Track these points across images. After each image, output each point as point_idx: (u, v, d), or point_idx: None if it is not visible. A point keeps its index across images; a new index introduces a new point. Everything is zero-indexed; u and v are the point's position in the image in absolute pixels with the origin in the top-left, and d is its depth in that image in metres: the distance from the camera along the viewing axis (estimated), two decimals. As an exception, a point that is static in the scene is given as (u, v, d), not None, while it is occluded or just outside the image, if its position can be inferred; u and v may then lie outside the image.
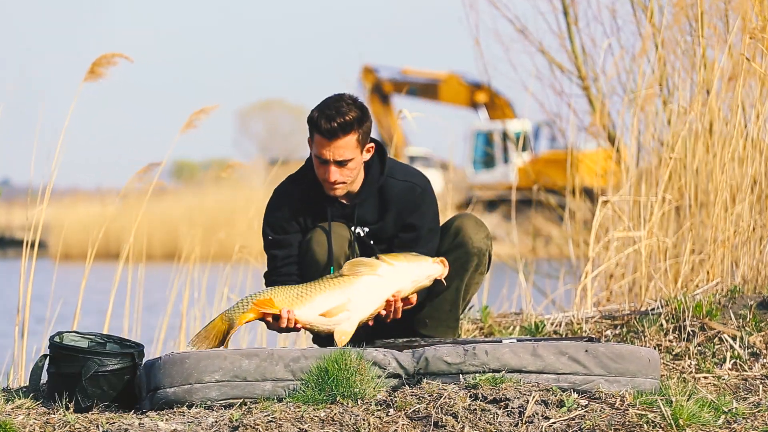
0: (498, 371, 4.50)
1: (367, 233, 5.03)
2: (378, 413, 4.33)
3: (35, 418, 4.40)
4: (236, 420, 4.26)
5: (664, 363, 5.40)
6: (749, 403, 4.63)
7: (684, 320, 5.62)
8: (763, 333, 5.53)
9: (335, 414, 4.30)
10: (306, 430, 4.22)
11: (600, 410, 4.32)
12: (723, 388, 5.09)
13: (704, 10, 6.91)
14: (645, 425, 4.21)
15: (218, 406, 4.43)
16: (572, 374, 4.52)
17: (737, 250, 6.33)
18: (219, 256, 8.28)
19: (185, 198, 29.79)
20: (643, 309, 5.96)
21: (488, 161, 33.06)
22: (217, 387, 4.44)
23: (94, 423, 4.33)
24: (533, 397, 4.35)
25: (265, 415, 4.28)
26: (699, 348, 5.50)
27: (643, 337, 5.64)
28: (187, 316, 7.37)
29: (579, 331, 5.86)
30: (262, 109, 60.95)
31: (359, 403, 4.37)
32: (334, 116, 4.83)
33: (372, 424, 4.27)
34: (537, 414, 4.30)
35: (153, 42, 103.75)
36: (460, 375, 4.50)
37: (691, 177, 6.66)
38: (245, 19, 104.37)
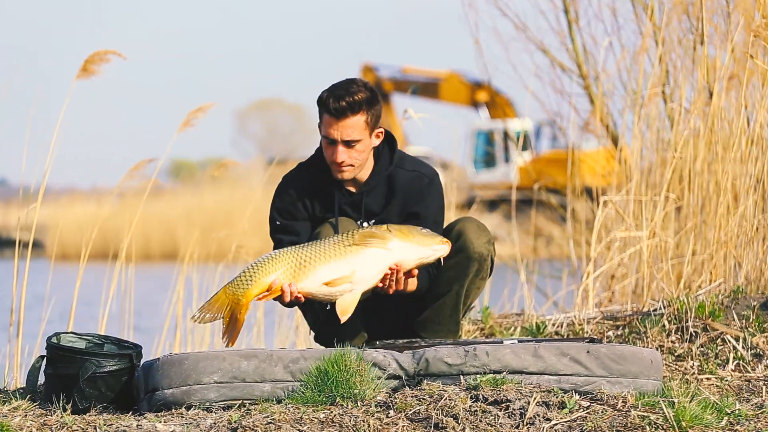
0: (499, 372, 4.48)
1: (372, 225, 4.99)
2: (378, 415, 4.31)
3: (32, 420, 4.38)
4: (235, 421, 4.24)
5: (666, 364, 5.38)
6: (752, 405, 4.61)
7: (686, 321, 5.59)
8: (766, 334, 5.51)
9: (335, 415, 4.28)
10: (305, 432, 4.20)
11: (602, 412, 4.30)
12: (726, 389, 5.07)
13: (705, 7, 6.88)
14: (647, 427, 4.20)
15: (217, 408, 4.41)
16: (574, 375, 4.50)
17: (740, 250, 6.30)
18: (219, 256, 8.25)
19: (183, 197, 29.71)
20: (645, 310, 5.94)
21: (489, 161, 33.03)
22: (216, 388, 4.42)
23: (91, 425, 4.30)
24: (534, 398, 4.33)
25: (264, 417, 4.26)
26: (701, 349, 5.48)
27: (645, 338, 5.62)
28: (185, 316, 7.35)
29: (580, 332, 5.84)
30: (260, 108, 60.99)
31: (359, 404, 4.36)
32: (343, 95, 4.81)
33: (372, 426, 4.25)
34: (538, 415, 4.28)
35: (152, 41, 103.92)
36: (461, 376, 4.48)
37: (693, 176, 6.63)
38: (244, 19, 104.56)
